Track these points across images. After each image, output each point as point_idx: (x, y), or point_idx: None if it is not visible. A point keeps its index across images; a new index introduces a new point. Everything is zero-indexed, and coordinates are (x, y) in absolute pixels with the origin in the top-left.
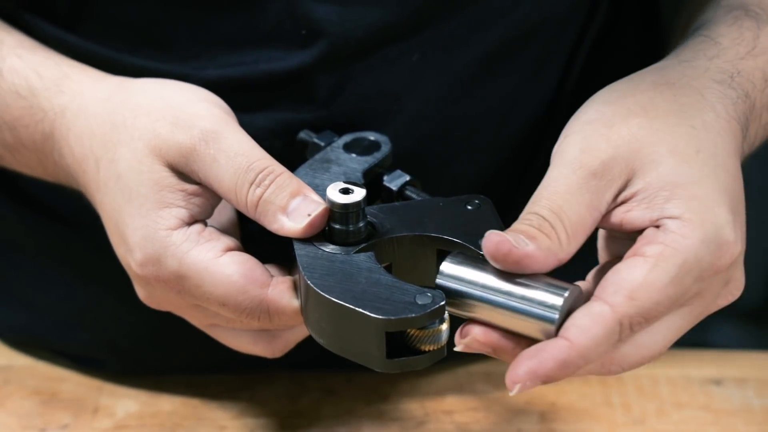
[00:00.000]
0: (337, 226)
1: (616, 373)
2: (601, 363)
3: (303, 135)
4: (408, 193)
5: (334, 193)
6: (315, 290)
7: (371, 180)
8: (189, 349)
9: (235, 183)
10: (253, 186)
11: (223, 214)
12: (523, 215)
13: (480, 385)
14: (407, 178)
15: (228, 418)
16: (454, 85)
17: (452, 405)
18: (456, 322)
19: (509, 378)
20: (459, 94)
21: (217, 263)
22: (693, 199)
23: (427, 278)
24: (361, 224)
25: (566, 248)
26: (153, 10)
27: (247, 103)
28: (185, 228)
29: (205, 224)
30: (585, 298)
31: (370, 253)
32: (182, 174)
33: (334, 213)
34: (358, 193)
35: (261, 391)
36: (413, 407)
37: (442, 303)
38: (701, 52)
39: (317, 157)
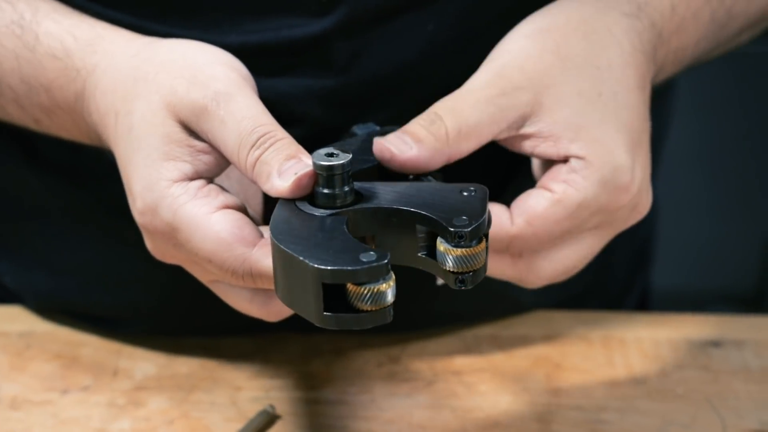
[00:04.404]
0: (320, 189)
1: (534, 285)
2: (519, 272)
3: (354, 128)
4: (423, 179)
5: (319, 156)
6: (272, 238)
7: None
8: (207, 310)
9: (238, 144)
10: (254, 148)
11: (249, 191)
12: (425, 113)
13: (486, 346)
14: None
15: (243, 379)
16: (469, 54)
17: (460, 366)
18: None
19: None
20: (474, 63)
21: (208, 218)
22: (595, 142)
23: (410, 257)
24: (345, 188)
25: (455, 146)
26: None
27: (268, 67)
28: (186, 182)
29: (210, 181)
30: None
31: (342, 218)
32: (193, 132)
33: (319, 176)
34: (343, 158)
35: (274, 354)
36: (422, 368)
37: (384, 262)
38: None
39: (346, 141)
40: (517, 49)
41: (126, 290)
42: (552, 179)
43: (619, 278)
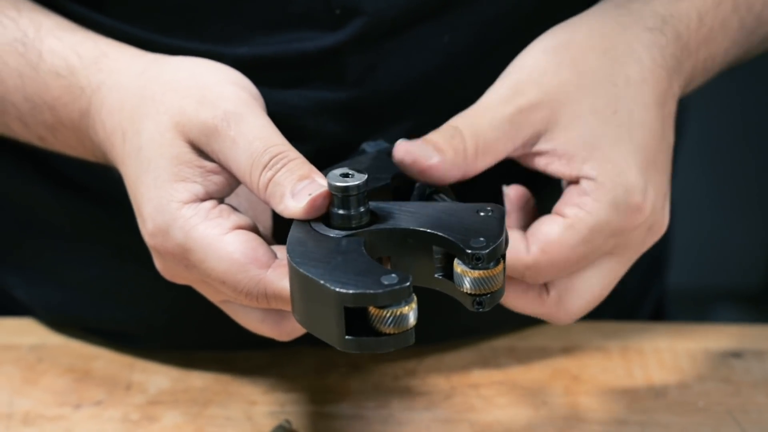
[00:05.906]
0: (336, 210)
1: (564, 322)
2: (548, 309)
3: (363, 145)
4: (436, 198)
5: (334, 177)
6: (290, 262)
7: (404, 186)
8: (220, 325)
9: (250, 165)
10: (266, 169)
11: (258, 208)
12: (444, 126)
13: (504, 359)
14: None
15: (258, 394)
16: (485, 66)
17: (477, 379)
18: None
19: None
20: (490, 75)
21: (221, 240)
22: (607, 163)
23: (426, 278)
24: (361, 209)
25: (472, 163)
26: None
27: (280, 80)
28: (197, 203)
29: (220, 202)
30: None
31: (359, 239)
32: (202, 152)
33: (334, 197)
34: (358, 178)
35: (289, 368)
36: (439, 381)
37: (407, 285)
38: None
39: (356, 158)
40: (534, 65)
41: (138, 305)
42: (564, 204)
43: (634, 286)
